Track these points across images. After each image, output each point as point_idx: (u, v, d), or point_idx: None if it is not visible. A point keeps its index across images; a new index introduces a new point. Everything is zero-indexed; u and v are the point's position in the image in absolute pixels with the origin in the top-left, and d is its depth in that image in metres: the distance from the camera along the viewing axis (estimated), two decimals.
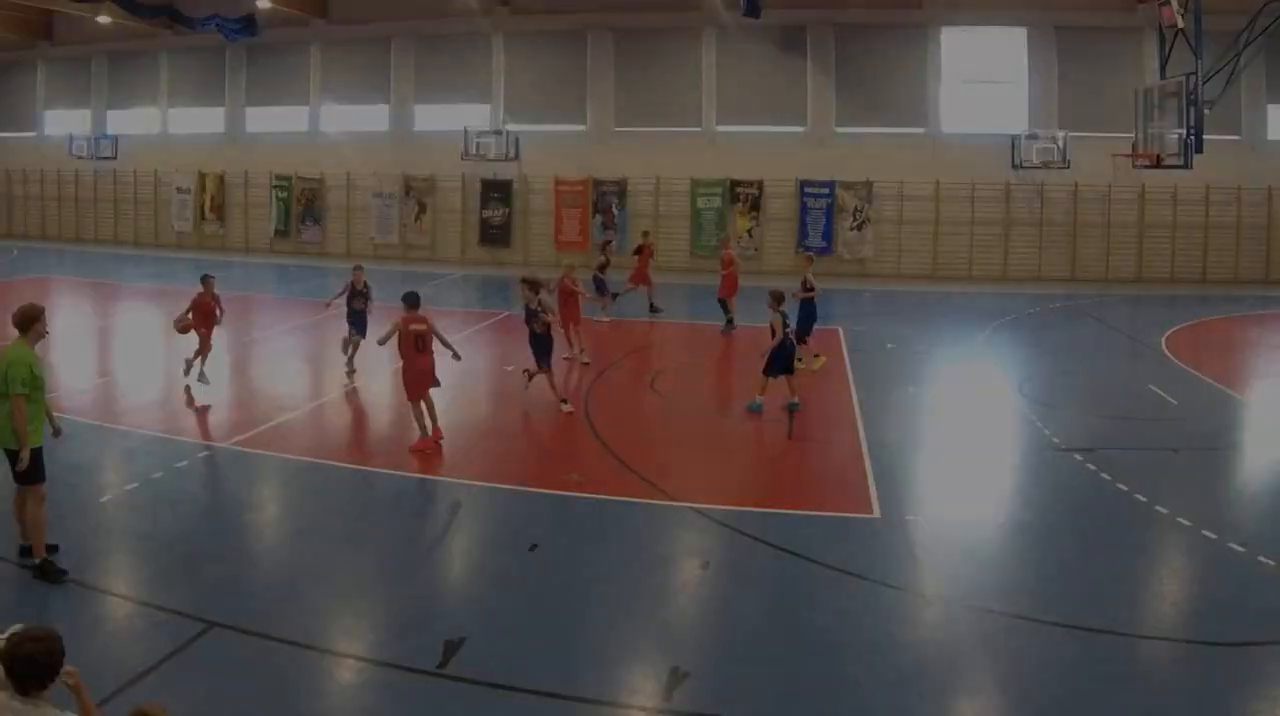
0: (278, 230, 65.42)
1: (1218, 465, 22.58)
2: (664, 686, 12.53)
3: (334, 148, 64.07)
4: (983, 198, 56.10)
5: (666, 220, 59.06)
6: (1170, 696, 12.50)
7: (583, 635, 13.87)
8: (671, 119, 59.18)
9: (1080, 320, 42.59)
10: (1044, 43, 55.78)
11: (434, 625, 14.05)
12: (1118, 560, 16.56)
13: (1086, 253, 55.80)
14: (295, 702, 12.12)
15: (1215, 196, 54.11)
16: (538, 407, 26.50)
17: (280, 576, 15.88)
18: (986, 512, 19.25)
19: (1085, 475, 21.24)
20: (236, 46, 65.28)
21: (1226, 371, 32.12)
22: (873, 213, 56.86)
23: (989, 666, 13.26)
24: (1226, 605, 14.91)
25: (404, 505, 19.23)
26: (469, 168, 61.01)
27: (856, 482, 20.65)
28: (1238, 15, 39.95)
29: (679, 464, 22.01)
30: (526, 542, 17.11)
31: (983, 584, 15.69)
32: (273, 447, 22.59)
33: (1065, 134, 54.12)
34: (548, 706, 12.14)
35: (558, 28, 60.31)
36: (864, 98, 57.27)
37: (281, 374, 30.91)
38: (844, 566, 16.07)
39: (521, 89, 61.43)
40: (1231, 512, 19.03)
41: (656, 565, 16.54)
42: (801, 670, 12.95)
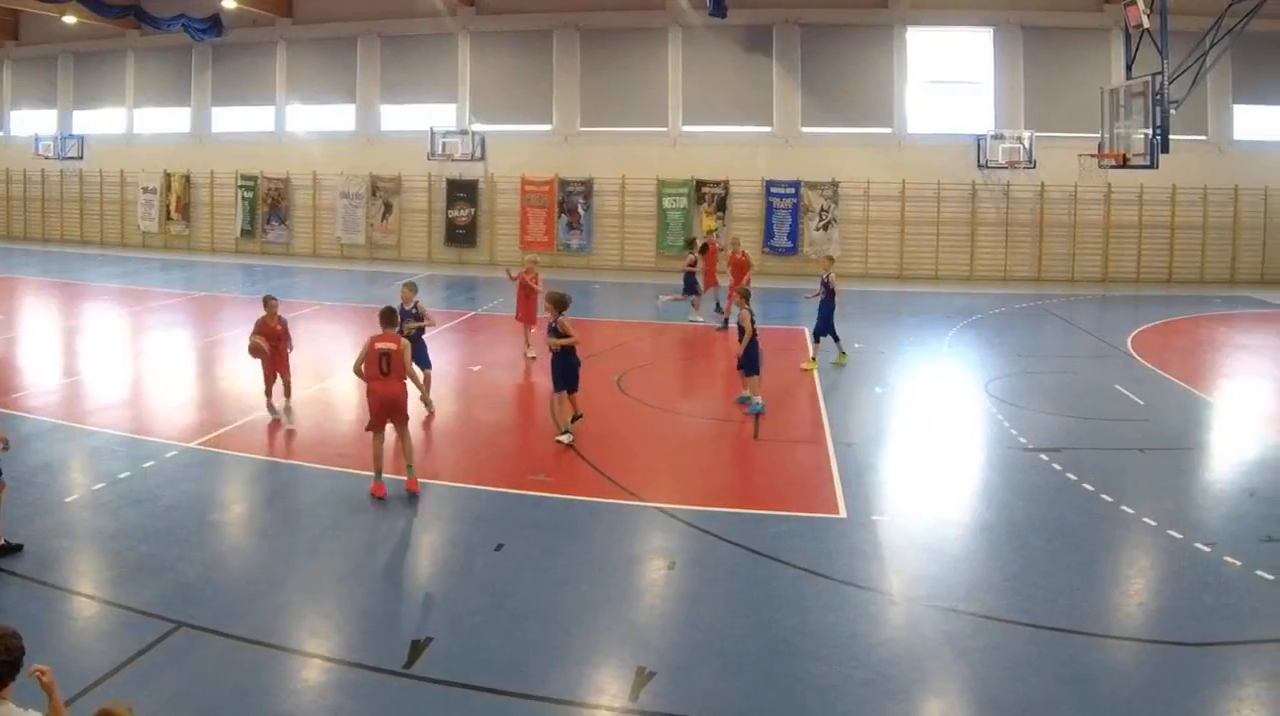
0: (243, 230, 65.24)
1: (1184, 465, 22.66)
2: (630, 686, 12.55)
3: (300, 148, 64.08)
4: (949, 198, 56.32)
5: (632, 220, 59.26)
6: (1135, 696, 12.53)
7: (549, 635, 13.87)
8: (637, 119, 59.27)
9: (1047, 320, 42.75)
10: (1010, 43, 56.01)
11: (401, 625, 14.13)
12: (1084, 560, 16.60)
13: (1052, 253, 56.05)
14: (262, 702, 12.09)
15: (1181, 197, 54.40)
16: (504, 408, 26.50)
17: (247, 576, 15.81)
18: (953, 512, 19.30)
19: (1051, 475, 21.32)
20: (202, 46, 65.14)
21: (1192, 371, 32.28)
22: (839, 213, 56.97)
23: (955, 666, 13.28)
24: (1192, 605, 14.98)
25: (371, 505, 19.09)
26: (435, 167, 61.03)
27: (823, 483, 20.71)
28: (1204, 15, 40.08)
29: (646, 464, 22.03)
30: (493, 543, 17.13)
31: (949, 583, 15.72)
32: (240, 447, 22.57)
33: (1031, 134, 54.42)
34: (514, 706, 12.16)
35: (524, 28, 60.35)
36: (830, 98, 57.40)
37: (248, 374, 30.78)
38: (810, 566, 16.12)
39: (487, 89, 61.46)
40: (1197, 512, 19.09)
41: (623, 565, 16.56)
42: (767, 670, 12.99)
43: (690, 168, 58.09)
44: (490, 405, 27.43)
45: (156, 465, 21.01)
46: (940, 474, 21.81)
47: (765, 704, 12.21)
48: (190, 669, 12.77)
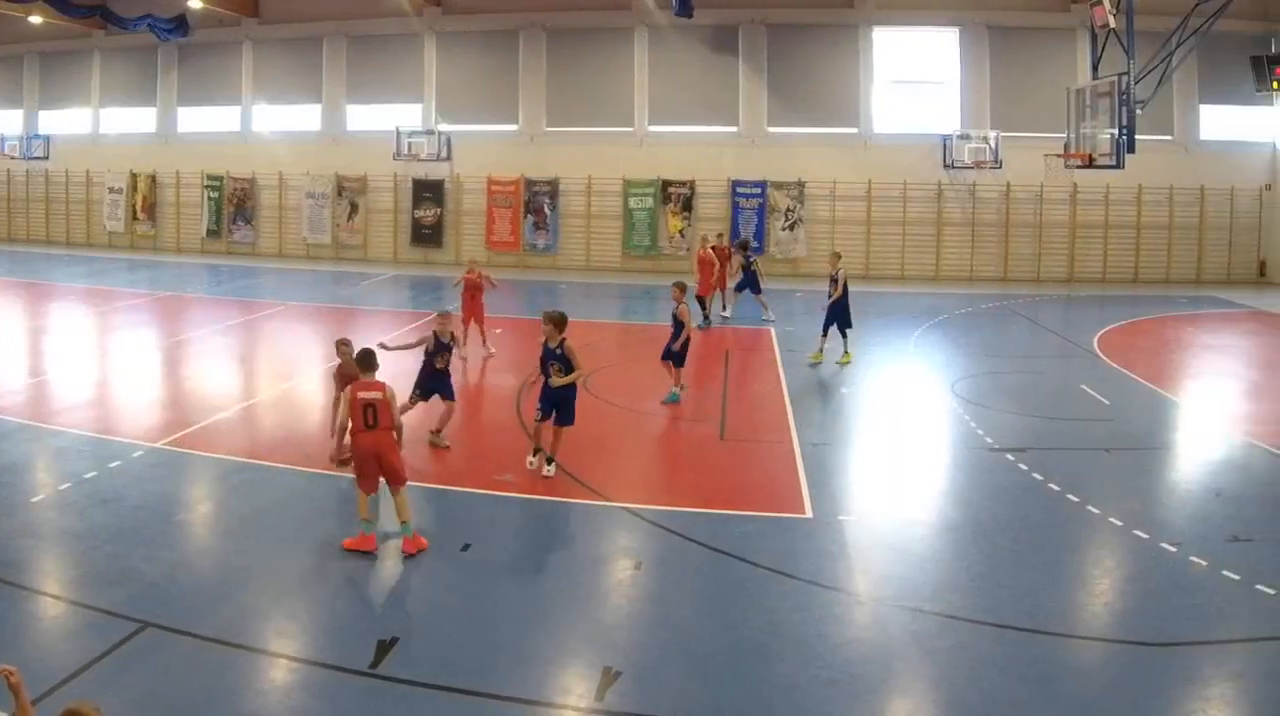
0: (209, 230, 64.94)
1: (1149, 465, 22.77)
2: (597, 686, 12.58)
3: (266, 147, 63.89)
4: (915, 198, 56.47)
5: (598, 220, 59.27)
6: (1101, 696, 12.57)
7: (515, 635, 13.89)
8: (603, 119, 59.25)
9: (1012, 320, 42.84)
10: (976, 43, 56.18)
11: (367, 625, 14.12)
12: (1050, 559, 16.65)
13: (1018, 253, 56.25)
14: (229, 702, 12.09)
15: (1147, 197, 54.65)
16: (471, 408, 26.49)
17: (214, 576, 15.77)
18: (919, 512, 19.32)
19: (1017, 475, 21.39)
20: (168, 46, 64.84)
21: (1158, 371, 32.39)
22: (805, 213, 57.04)
23: (920, 666, 13.33)
24: (1158, 605, 15.05)
25: (337, 505, 19.07)
26: (401, 167, 60.95)
27: (789, 483, 20.77)
28: (1170, 15, 40.24)
29: (612, 464, 22.02)
30: (459, 543, 17.18)
31: (915, 584, 15.75)
32: (206, 447, 22.50)
33: (997, 134, 54.61)
34: (480, 706, 12.19)
35: (490, 28, 60.27)
36: (796, 98, 57.48)
37: (214, 374, 30.73)
38: (777, 566, 16.17)
39: (453, 89, 61.39)
40: (1163, 512, 19.16)
41: (589, 565, 16.59)
42: (733, 670, 13.03)
43: (656, 168, 58.09)
44: (457, 405, 27.41)
45: (123, 465, 20.96)
46: (906, 474, 21.84)
47: (731, 704, 12.25)
48: (156, 669, 12.74)
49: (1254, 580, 15.55)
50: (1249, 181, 55.14)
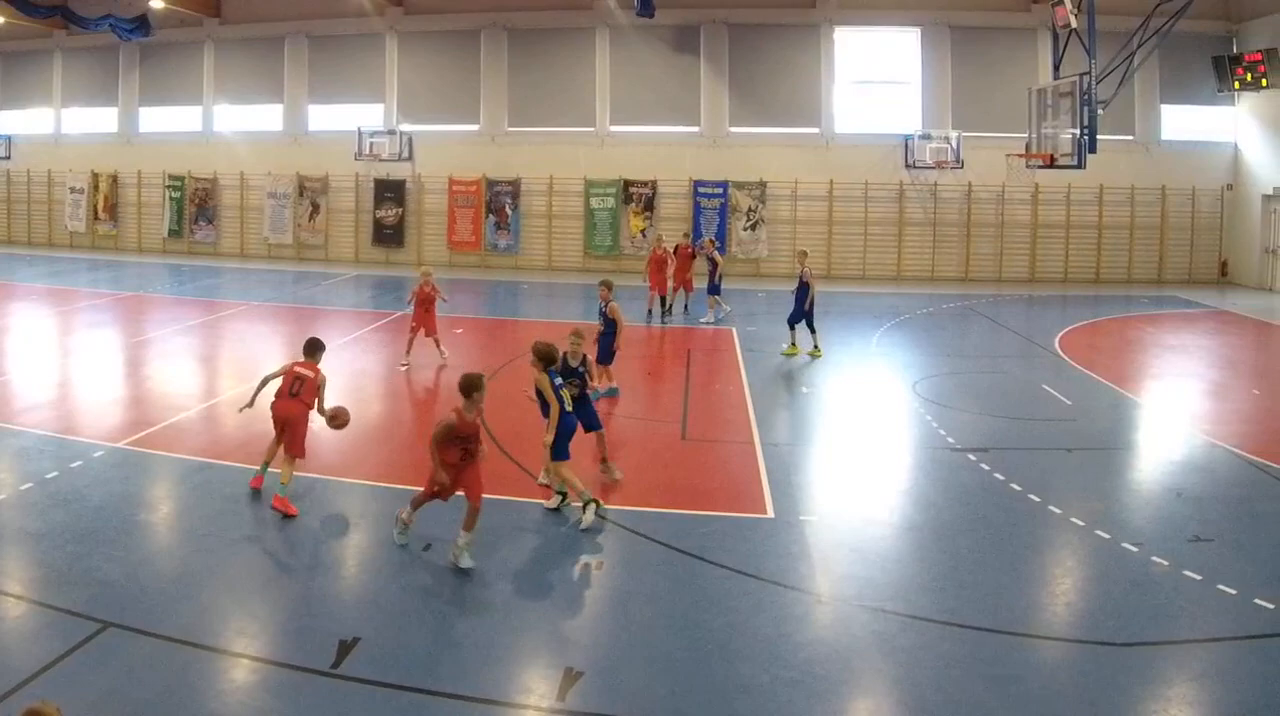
0: (171, 230, 64.70)
1: (1111, 465, 22.81)
2: (558, 686, 12.56)
3: (228, 147, 63.73)
4: (876, 198, 56.71)
5: (560, 220, 59.29)
6: (1063, 695, 12.60)
7: (477, 635, 13.87)
8: (565, 119, 59.34)
9: (974, 320, 42.92)
10: (938, 43, 56.44)
11: (328, 625, 14.02)
12: (1011, 559, 16.68)
13: (980, 253, 56.56)
14: (190, 702, 12.03)
15: (1109, 197, 54.94)
16: (432, 407, 26.46)
17: (175, 576, 15.68)
18: (881, 513, 19.32)
19: (979, 475, 21.43)
20: (130, 47, 64.58)
21: (1120, 371, 32.47)
22: (766, 213, 57.25)
23: (882, 666, 13.31)
24: (1119, 604, 15.07)
25: (299, 505, 18.91)
26: (362, 167, 60.93)
27: (751, 483, 20.78)
28: (1131, 15, 40.52)
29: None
30: (421, 542, 17.13)
31: (876, 584, 15.75)
32: (168, 447, 22.42)
33: (959, 134, 54.93)
34: (442, 705, 12.15)
35: (451, 28, 60.31)
36: (758, 98, 57.70)
37: (176, 374, 30.62)
38: (738, 566, 16.17)
39: (415, 89, 61.38)
40: (1125, 512, 19.19)
41: (551, 565, 16.60)
42: (695, 670, 13.02)
43: (618, 168, 58.21)
44: (417, 404, 27.44)
45: (84, 465, 20.84)
46: (868, 474, 21.84)
47: (693, 704, 12.25)
48: (118, 669, 12.67)
49: (1215, 580, 15.60)
50: (1210, 181, 55.47)
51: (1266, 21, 51.44)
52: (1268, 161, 52.87)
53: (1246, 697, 12.51)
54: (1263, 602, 14.92)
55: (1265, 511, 19.63)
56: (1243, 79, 51.69)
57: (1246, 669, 13.30)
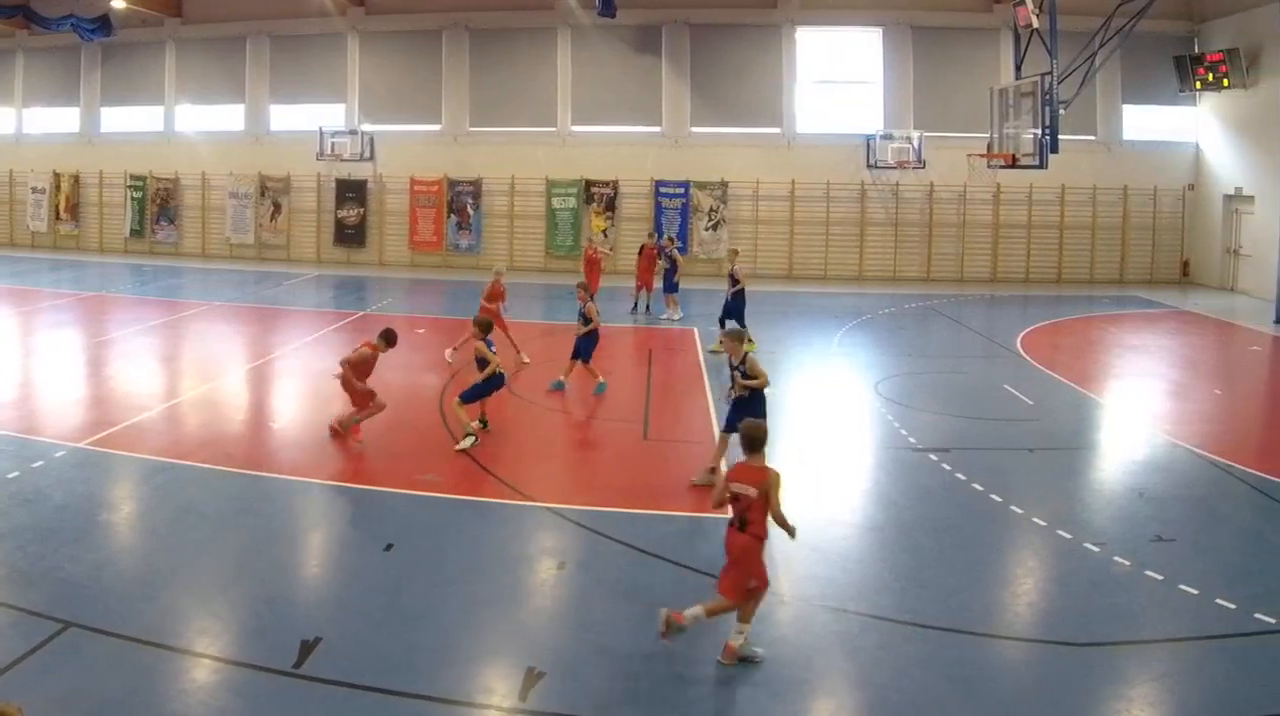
0: (133, 230, 64.37)
1: (1073, 465, 22.89)
2: (520, 686, 12.55)
3: (189, 147, 63.47)
4: (838, 198, 56.79)
5: (521, 220, 59.24)
6: (1025, 695, 12.68)
7: (439, 635, 13.86)
8: (527, 119, 59.32)
9: (936, 320, 43.03)
10: (899, 43, 56.58)
11: (290, 625, 13.96)
12: (973, 560, 16.74)
13: (941, 253, 56.74)
14: (152, 702, 12.00)
15: (1070, 197, 55.23)
16: (394, 408, 26.43)
17: (137, 576, 15.63)
18: (843, 513, 19.40)
19: (941, 475, 21.51)
20: (92, 47, 64.19)
21: (1081, 371, 32.55)
22: (728, 213, 57.29)
23: (844, 666, 13.38)
24: (1081, 605, 15.16)
25: (260, 505, 18.98)
26: (324, 167, 60.78)
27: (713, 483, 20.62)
28: (1093, 16, 40.65)
29: (534, 464, 22.01)
30: (382, 543, 17.09)
31: (838, 584, 15.82)
32: (129, 447, 22.29)
33: (920, 134, 55.01)
34: (404, 706, 12.14)
35: (413, 28, 60.21)
36: (719, 98, 57.76)
37: (138, 374, 30.53)
38: (700, 566, 16.18)
39: (376, 89, 61.28)
40: (1086, 512, 19.26)
41: (513, 565, 16.54)
42: (657, 670, 13.05)
43: (579, 168, 58.20)
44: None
45: (46, 465, 20.74)
46: (830, 474, 21.89)
47: (654, 704, 12.27)
48: (79, 669, 12.62)
49: (1177, 580, 15.68)
50: (1172, 181, 55.73)
51: (1228, 21, 51.68)
52: (1229, 161, 53.14)
53: (1208, 697, 12.60)
54: (1224, 602, 15.00)
55: (1226, 511, 19.81)
56: (1204, 79, 51.86)
57: (1208, 669, 13.40)
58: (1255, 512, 19.91)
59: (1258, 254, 49.68)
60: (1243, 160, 51.75)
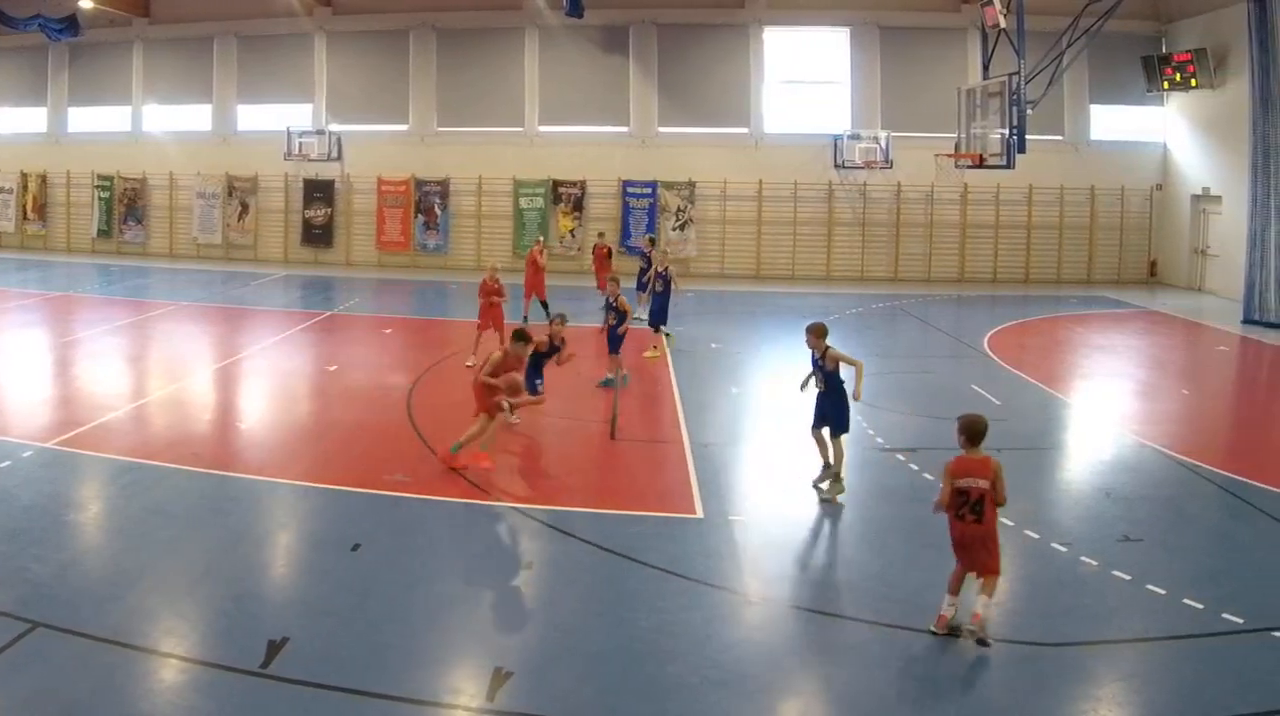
0: (100, 230, 64.11)
1: (1040, 465, 22.94)
2: (488, 686, 12.53)
3: (157, 147, 63.25)
4: (805, 198, 56.89)
5: (489, 220, 59.20)
6: (993, 695, 12.75)
7: (406, 635, 13.82)
8: (494, 119, 59.31)
9: (903, 320, 43.10)
10: (867, 43, 56.68)
11: (258, 625, 13.91)
12: (941, 560, 16.63)
13: (909, 253, 56.87)
14: (119, 702, 11.96)
15: (1038, 196, 55.37)
16: (362, 408, 26.42)
17: (105, 576, 15.59)
18: (810, 513, 19.48)
19: (908, 474, 21.64)
20: (59, 47, 63.83)
21: (1049, 371, 32.61)
22: (695, 213, 57.33)
23: (812, 666, 13.43)
24: (1049, 605, 15.22)
25: (228, 505, 18.93)
26: (291, 167, 60.64)
27: (680, 483, 20.84)
28: (1061, 15, 40.73)
29: (503, 464, 21.95)
30: (350, 542, 17.04)
31: (806, 583, 15.96)
32: (96, 447, 22.22)
33: (888, 134, 55.10)
34: (371, 706, 12.12)
35: (380, 28, 60.13)
36: (686, 98, 57.85)
37: (105, 374, 30.44)
38: (668, 566, 16.19)
39: (344, 89, 61.18)
40: (1054, 512, 19.31)
41: (480, 565, 16.58)
42: (625, 670, 13.04)
43: (547, 168, 58.20)
44: (348, 405, 27.30)
45: (13, 465, 20.66)
46: (797, 474, 21.86)
47: (622, 704, 12.26)
48: (47, 669, 12.58)
49: (1144, 580, 15.71)
50: (1140, 181, 55.91)
51: (1195, 22, 51.84)
52: (1196, 162, 53.33)
53: (1176, 697, 12.64)
54: (1191, 602, 15.04)
55: (1194, 511, 19.91)
56: (1172, 79, 51.98)
57: (1176, 668, 13.47)
58: (1223, 512, 20.00)
59: (1225, 254, 49.87)
60: (1210, 160, 51.94)
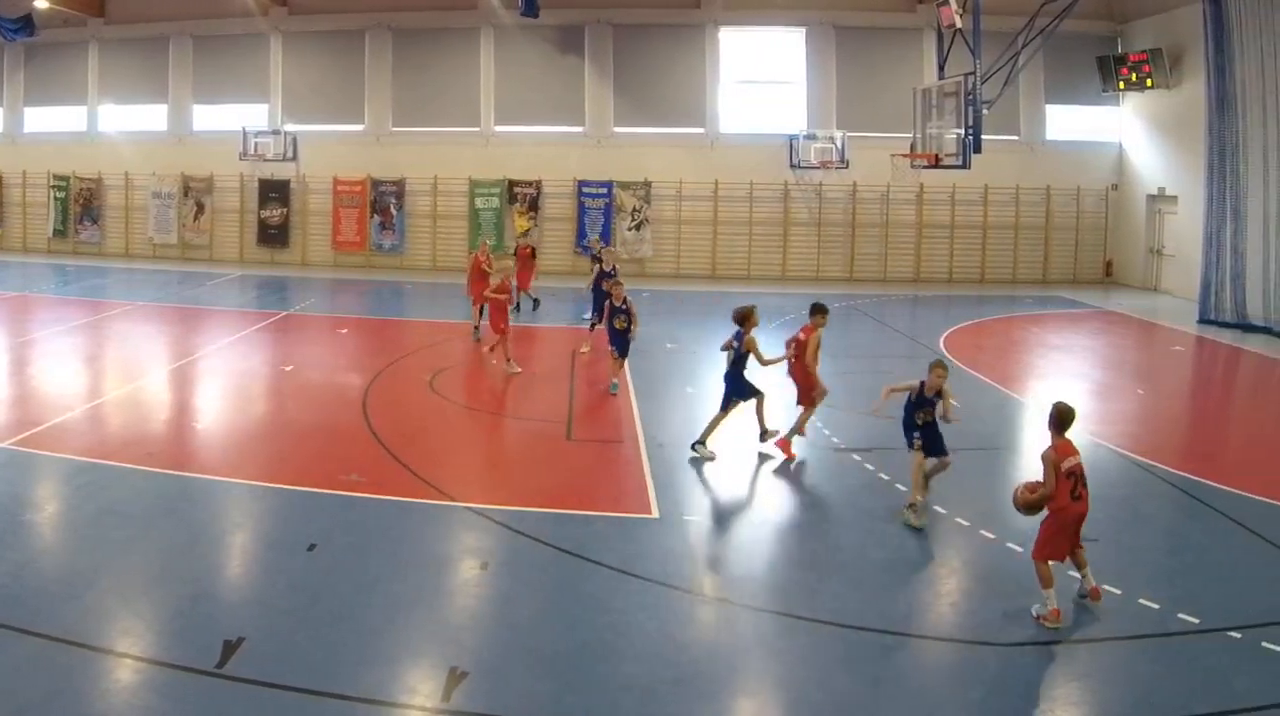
0: (56, 230, 63.71)
1: (996, 465, 23.09)
2: (443, 686, 12.55)
3: (112, 147, 62.90)
4: (761, 198, 56.99)
5: (445, 220, 59.14)
6: (947, 696, 12.79)
7: (362, 635, 13.83)
8: (450, 119, 59.28)
9: (858, 320, 43.09)
10: (823, 43, 56.82)
11: (213, 625, 13.88)
12: (896, 560, 16.83)
13: (865, 253, 57.00)
14: (75, 702, 11.94)
15: (994, 197, 55.57)
16: (317, 408, 26.41)
17: (60, 576, 15.54)
18: (765, 512, 19.67)
19: (864, 474, 21.70)
20: (14, 47, 63.38)
21: (1004, 371, 32.77)
22: (651, 213, 57.39)
23: (766, 665, 13.48)
24: (1004, 605, 15.26)
25: (183, 505, 18.89)
26: (247, 168, 60.34)
27: (636, 483, 20.91)
28: (1016, 16, 40.73)
29: (458, 464, 22.05)
30: (305, 542, 17.01)
31: (761, 583, 15.97)
32: (52, 448, 22.13)
33: (844, 134, 55.16)
34: (327, 706, 12.11)
35: (335, 28, 59.98)
36: (642, 98, 57.93)
37: (60, 374, 30.32)
38: (623, 566, 16.22)
39: (299, 89, 61.00)
40: (1009, 512, 19.17)
41: (436, 565, 16.55)
42: (580, 670, 13.05)
43: (502, 168, 58.18)
44: (303, 405, 27.30)
45: None
46: (752, 474, 22.00)
47: (577, 704, 12.27)
48: (3, 669, 12.58)
49: (1100, 580, 15.67)
50: (1095, 181, 56.25)
51: (1151, 22, 52.18)
52: (1152, 161, 53.68)
53: (1132, 697, 12.75)
54: (1147, 602, 15.16)
55: (1150, 511, 20.11)
56: (1127, 79, 52.23)
57: (1131, 668, 13.58)
58: (1178, 512, 20.17)
59: (1181, 254, 50.20)
60: (1166, 160, 52.28)
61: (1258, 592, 15.74)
